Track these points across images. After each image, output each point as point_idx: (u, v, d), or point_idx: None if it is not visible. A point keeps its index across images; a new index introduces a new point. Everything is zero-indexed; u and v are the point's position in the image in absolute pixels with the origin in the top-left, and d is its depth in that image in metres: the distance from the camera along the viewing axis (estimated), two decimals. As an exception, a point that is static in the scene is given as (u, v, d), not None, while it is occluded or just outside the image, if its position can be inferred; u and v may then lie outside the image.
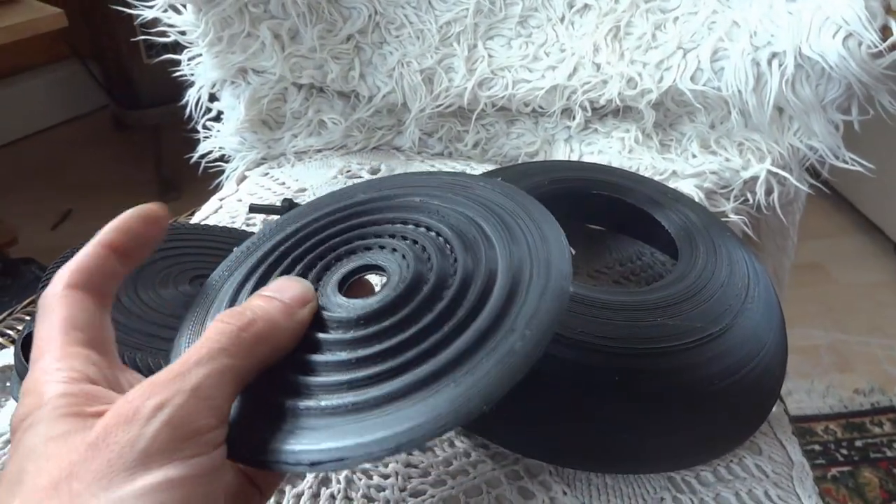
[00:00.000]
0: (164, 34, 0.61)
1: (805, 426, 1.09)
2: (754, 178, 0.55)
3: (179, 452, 0.18)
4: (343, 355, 0.24)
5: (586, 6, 0.60)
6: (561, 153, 0.61)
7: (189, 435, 0.19)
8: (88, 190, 1.46)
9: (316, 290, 0.27)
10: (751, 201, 0.55)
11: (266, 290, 0.25)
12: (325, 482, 0.34)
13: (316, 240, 0.30)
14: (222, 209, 0.57)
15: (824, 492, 1.02)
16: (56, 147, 1.63)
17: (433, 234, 0.29)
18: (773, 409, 0.39)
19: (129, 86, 1.33)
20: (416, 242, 0.28)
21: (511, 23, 0.61)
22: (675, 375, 0.34)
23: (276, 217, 0.46)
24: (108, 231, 0.25)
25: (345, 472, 0.34)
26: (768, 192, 0.55)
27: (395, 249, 0.29)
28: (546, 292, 0.25)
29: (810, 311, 1.28)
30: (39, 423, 0.20)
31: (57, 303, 0.23)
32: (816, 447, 1.06)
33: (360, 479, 0.34)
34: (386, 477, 0.35)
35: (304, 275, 0.28)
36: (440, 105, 0.61)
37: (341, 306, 0.26)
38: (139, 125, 1.43)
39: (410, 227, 0.29)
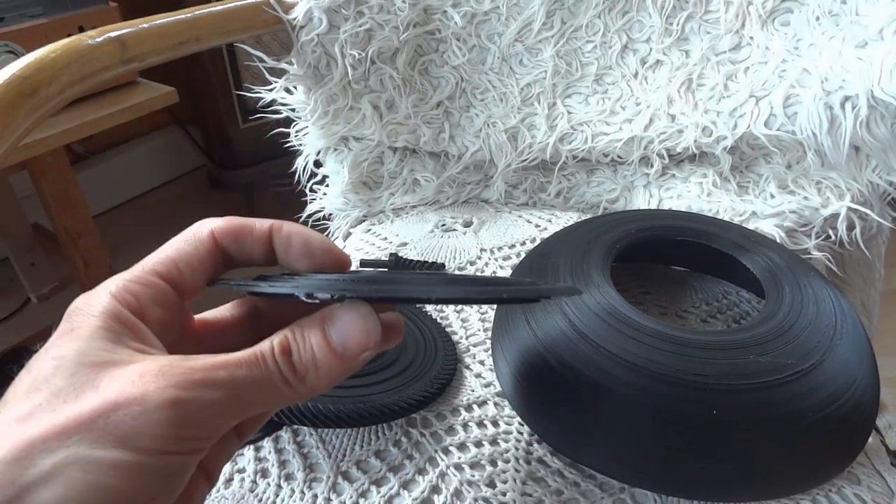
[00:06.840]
0: (276, 112, 0.69)
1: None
2: (835, 216, 0.57)
3: (167, 447, 0.20)
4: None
5: (658, 62, 0.64)
6: (640, 199, 0.65)
7: (183, 439, 0.20)
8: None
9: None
10: (833, 238, 0.57)
11: (333, 333, 0.23)
12: (452, 509, 0.38)
13: None
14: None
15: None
16: (158, 207, 1.78)
17: None
18: (870, 440, 0.41)
19: (228, 148, 1.45)
20: None
21: (587, 81, 0.66)
22: (770, 409, 0.37)
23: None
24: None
25: (469, 499, 0.39)
26: (850, 227, 0.57)
27: None
28: None
29: (903, 341, 1.23)
30: (84, 335, 0.21)
31: (192, 237, 0.25)
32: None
33: (483, 507, 0.38)
34: (505, 504, 0.38)
35: None
36: (524, 160, 0.66)
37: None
38: (234, 184, 1.56)
39: None
